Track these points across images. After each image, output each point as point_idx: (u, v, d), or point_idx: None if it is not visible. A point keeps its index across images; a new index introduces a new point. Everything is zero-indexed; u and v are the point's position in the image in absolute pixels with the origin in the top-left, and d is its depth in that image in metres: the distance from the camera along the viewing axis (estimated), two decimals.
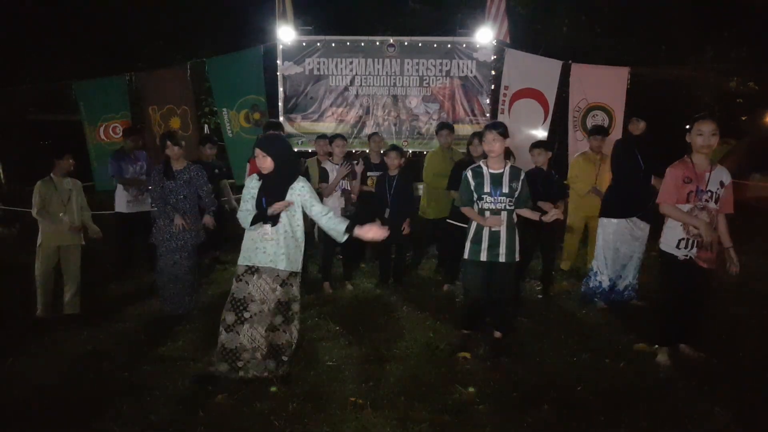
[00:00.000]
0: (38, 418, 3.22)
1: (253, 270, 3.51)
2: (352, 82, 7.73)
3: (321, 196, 5.44)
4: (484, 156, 4.03)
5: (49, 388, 3.55)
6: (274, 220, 3.46)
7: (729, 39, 12.59)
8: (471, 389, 3.46)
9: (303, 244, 3.63)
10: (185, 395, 3.42)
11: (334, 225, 3.49)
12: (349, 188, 5.51)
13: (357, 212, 5.51)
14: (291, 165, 3.63)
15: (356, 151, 7.93)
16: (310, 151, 7.77)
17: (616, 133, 7.75)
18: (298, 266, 3.60)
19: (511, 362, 3.84)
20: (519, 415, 3.17)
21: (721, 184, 3.63)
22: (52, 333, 4.46)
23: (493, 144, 3.82)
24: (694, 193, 3.61)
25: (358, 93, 7.76)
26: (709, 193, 3.60)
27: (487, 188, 3.87)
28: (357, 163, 5.73)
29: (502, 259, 3.89)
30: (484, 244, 3.90)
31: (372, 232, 3.43)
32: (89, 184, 7.94)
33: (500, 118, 7.92)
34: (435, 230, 6.20)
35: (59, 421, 3.17)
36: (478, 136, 4.85)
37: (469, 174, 3.95)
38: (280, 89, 7.73)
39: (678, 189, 3.65)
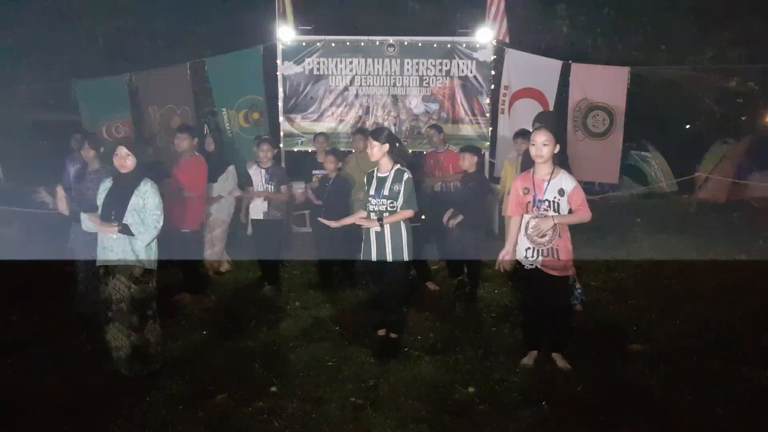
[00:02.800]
0: (38, 418, 3.22)
1: (108, 270, 3.59)
2: (351, 82, 7.73)
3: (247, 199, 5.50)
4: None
5: (49, 388, 3.55)
6: (119, 218, 3.55)
7: (729, 39, 12.58)
8: (471, 389, 3.47)
9: (154, 243, 3.68)
10: (185, 395, 3.42)
11: (136, 237, 3.57)
12: (271, 192, 5.40)
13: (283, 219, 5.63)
14: (146, 168, 3.81)
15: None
16: (309, 150, 7.79)
17: (617, 133, 7.76)
18: (152, 264, 3.66)
19: (511, 362, 3.84)
20: (519, 415, 3.17)
21: (561, 192, 3.59)
22: (51, 333, 4.46)
23: (371, 150, 3.98)
24: (532, 203, 3.62)
25: (357, 93, 7.76)
26: (547, 203, 3.59)
27: (372, 191, 4.01)
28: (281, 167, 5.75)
29: (389, 258, 3.99)
30: (372, 245, 4.02)
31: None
32: None
33: (500, 118, 7.93)
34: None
35: (59, 421, 3.17)
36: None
37: (365, 179, 4.13)
38: (280, 89, 7.72)
39: (518, 200, 3.70)
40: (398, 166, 4.02)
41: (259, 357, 3.98)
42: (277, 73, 7.71)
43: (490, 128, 7.93)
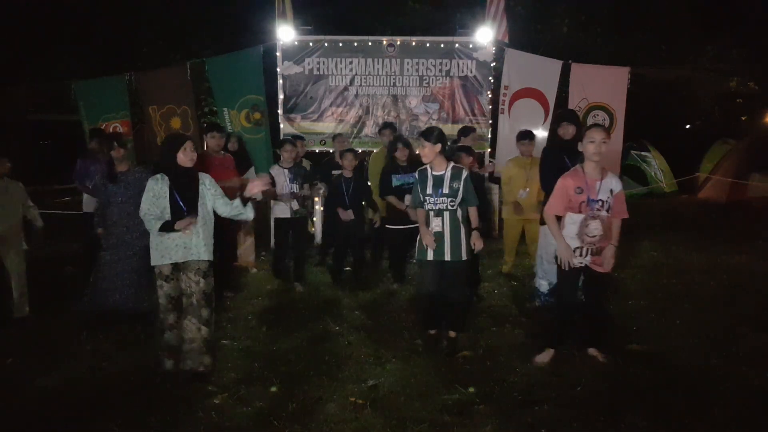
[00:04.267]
0: (38, 418, 3.22)
1: (179, 267, 3.62)
2: (351, 82, 7.73)
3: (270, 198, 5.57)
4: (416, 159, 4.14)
5: (49, 388, 3.55)
6: (191, 214, 3.58)
7: (729, 39, 12.60)
8: (471, 389, 3.46)
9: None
10: (185, 395, 3.42)
11: (236, 208, 3.73)
12: (297, 191, 5.50)
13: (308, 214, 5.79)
14: (200, 162, 4.01)
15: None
16: (317, 151, 7.81)
17: (617, 133, 7.75)
18: (212, 255, 3.73)
19: (511, 362, 3.85)
20: (519, 415, 3.17)
21: (611, 192, 3.64)
22: (51, 333, 4.46)
23: (422, 150, 3.98)
24: (586, 203, 3.63)
25: (357, 93, 7.76)
26: (600, 202, 3.62)
27: (429, 190, 3.98)
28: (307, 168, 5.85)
29: (447, 257, 3.96)
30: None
31: (256, 187, 3.70)
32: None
33: (500, 118, 7.92)
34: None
35: (59, 422, 3.17)
36: (401, 141, 5.43)
37: (417, 176, 4.09)
38: (280, 89, 7.72)
39: (565, 199, 3.70)
40: (453, 163, 4.03)
41: (259, 357, 3.98)
42: (277, 70, 7.71)
43: (490, 128, 7.93)
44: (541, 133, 7.81)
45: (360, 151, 8.02)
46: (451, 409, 3.25)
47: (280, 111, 7.79)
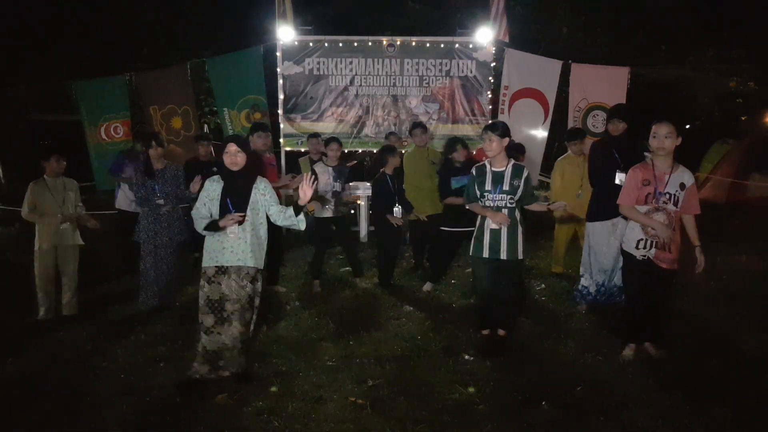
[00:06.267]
0: (38, 417, 3.22)
1: (222, 270, 3.57)
2: (351, 82, 7.73)
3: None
4: (469, 160, 4.07)
5: (49, 388, 3.55)
6: (240, 219, 3.54)
7: (729, 39, 12.59)
8: (471, 389, 3.47)
9: (266, 243, 3.71)
10: (185, 395, 3.42)
11: (289, 216, 3.62)
12: (339, 189, 5.54)
13: (350, 214, 5.79)
14: (256, 164, 3.87)
15: (357, 151, 7.95)
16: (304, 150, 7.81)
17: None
18: (262, 263, 3.68)
19: (511, 362, 3.85)
20: (519, 415, 3.17)
21: (682, 186, 3.64)
22: (52, 333, 4.46)
23: (489, 144, 3.90)
24: (652, 195, 3.63)
25: (357, 93, 7.76)
26: (667, 195, 3.62)
27: (488, 186, 3.94)
28: (351, 164, 5.85)
29: (503, 256, 3.93)
30: (486, 242, 3.96)
31: (307, 191, 3.52)
32: (90, 183, 7.95)
33: (500, 118, 7.93)
34: (413, 230, 6.20)
35: (59, 421, 3.17)
36: (460, 142, 5.28)
37: (474, 172, 4.04)
38: (280, 89, 7.73)
39: (637, 190, 3.69)
40: (513, 160, 3.99)
41: (259, 357, 3.98)
42: (277, 70, 7.71)
43: None
44: (540, 134, 7.83)
45: (360, 151, 8.06)
46: (451, 409, 3.25)
47: (280, 111, 7.80)
